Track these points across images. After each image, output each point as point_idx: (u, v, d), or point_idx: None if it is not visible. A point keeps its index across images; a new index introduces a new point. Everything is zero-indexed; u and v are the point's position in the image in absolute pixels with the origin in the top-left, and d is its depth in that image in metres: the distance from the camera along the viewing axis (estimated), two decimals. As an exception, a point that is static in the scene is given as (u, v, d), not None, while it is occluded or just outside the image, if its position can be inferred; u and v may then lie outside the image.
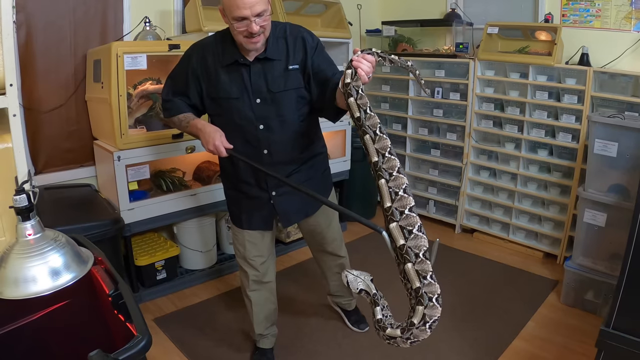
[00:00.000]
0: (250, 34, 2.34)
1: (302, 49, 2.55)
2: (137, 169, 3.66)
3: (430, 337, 1.48)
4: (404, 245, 1.61)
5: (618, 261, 3.00)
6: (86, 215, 3.40)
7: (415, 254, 1.59)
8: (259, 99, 2.54)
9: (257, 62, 2.51)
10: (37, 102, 3.71)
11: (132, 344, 1.43)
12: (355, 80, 1.94)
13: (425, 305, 1.52)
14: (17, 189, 1.54)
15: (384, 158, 1.72)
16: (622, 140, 3.37)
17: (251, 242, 2.90)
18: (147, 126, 3.86)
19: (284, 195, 2.77)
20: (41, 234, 1.58)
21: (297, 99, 2.60)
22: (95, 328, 2.01)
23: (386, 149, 1.74)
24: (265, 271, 3.00)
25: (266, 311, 3.12)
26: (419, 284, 1.55)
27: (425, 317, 1.51)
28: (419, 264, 1.57)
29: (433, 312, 1.51)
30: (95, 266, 1.84)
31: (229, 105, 2.58)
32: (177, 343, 3.38)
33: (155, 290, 4.00)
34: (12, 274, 1.49)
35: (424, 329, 1.52)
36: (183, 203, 3.97)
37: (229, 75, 2.53)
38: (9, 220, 2.30)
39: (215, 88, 2.58)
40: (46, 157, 3.88)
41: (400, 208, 1.65)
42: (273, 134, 2.60)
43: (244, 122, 2.58)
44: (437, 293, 1.53)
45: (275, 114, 2.58)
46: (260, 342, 3.21)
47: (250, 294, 3.02)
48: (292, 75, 2.55)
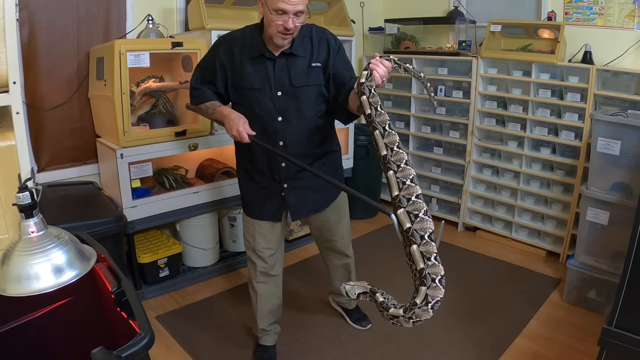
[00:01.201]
0: (285, 30, 2.43)
1: (326, 50, 2.65)
2: (140, 166, 3.67)
3: (433, 335, 1.49)
4: (410, 228, 1.66)
5: (621, 259, 3.00)
6: (89, 213, 3.41)
7: (420, 236, 1.64)
8: (280, 92, 2.63)
9: (282, 56, 2.61)
10: (40, 99, 3.72)
11: (134, 341, 1.44)
12: (370, 81, 2.03)
13: (428, 286, 1.56)
14: (20, 187, 1.54)
15: (392, 151, 1.79)
16: (625, 138, 3.36)
17: (261, 233, 2.94)
18: (149, 124, 3.87)
19: (295, 189, 2.83)
20: (44, 231, 1.58)
21: (316, 95, 2.69)
22: (98, 325, 2.02)
23: (394, 143, 1.81)
24: (273, 264, 3.04)
25: (271, 305, 3.15)
26: (423, 265, 1.59)
27: (427, 297, 1.55)
28: (423, 246, 1.62)
29: (436, 293, 1.55)
30: (98, 263, 1.85)
31: (250, 96, 2.66)
32: (180, 340, 3.39)
33: (158, 288, 4.01)
34: (15, 271, 1.50)
35: (426, 309, 1.55)
36: (186, 201, 3.97)
37: (254, 67, 2.62)
38: (12, 217, 2.30)
39: (240, 78, 2.66)
40: (49, 154, 3.88)
41: (407, 195, 1.71)
42: (290, 127, 2.68)
43: (263, 112, 2.66)
44: (441, 274, 1.57)
45: (294, 108, 2.66)
46: (262, 338, 3.23)
47: (257, 286, 3.06)
48: (314, 73, 2.64)
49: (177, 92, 4.18)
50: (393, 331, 3.43)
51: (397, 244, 1.72)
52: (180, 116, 4.15)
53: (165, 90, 4.09)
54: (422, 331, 3.42)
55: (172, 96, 4.19)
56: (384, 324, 3.42)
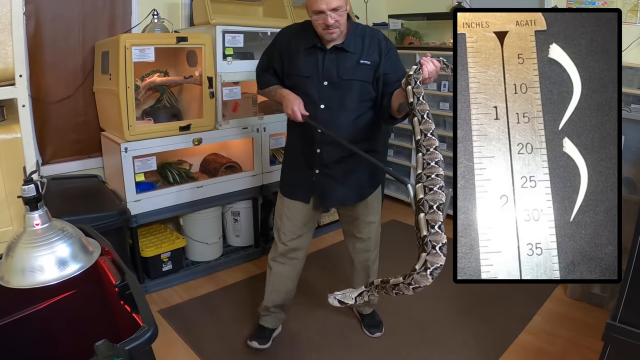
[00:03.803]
0: (326, 26, 2.60)
1: (377, 51, 2.77)
2: (144, 160, 3.67)
3: (436, 331, 1.51)
4: (422, 198, 1.71)
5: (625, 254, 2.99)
6: (93, 206, 3.42)
7: (429, 205, 1.68)
8: (327, 82, 2.77)
9: (333, 50, 2.75)
10: (45, 93, 3.73)
11: (138, 335, 1.44)
12: (417, 74, 2.14)
13: (428, 252, 1.58)
14: (26, 179, 1.55)
15: (425, 137, 1.87)
16: (628, 133, 3.36)
17: (287, 216, 3.06)
18: (154, 118, 3.87)
19: (324, 177, 2.92)
20: (49, 223, 1.59)
21: (360, 91, 2.79)
22: (102, 318, 2.02)
23: (429, 130, 1.89)
24: (295, 248, 3.13)
25: (281, 286, 3.22)
26: (426, 233, 1.62)
27: (427, 263, 1.57)
28: (430, 215, 1.65)
29: (435, 259, 1.57)
30: (102, 257, 1.85)
31: (299, 82, 2.83)
32: (182, 334, 3.39)
33: (161, 282, 4.02)
34: (20, 263, 1.50)
35: (424, 275, 1.58)
36: (189, 195, 3.98)
37: (307, 56, 2.80)
38: (17, 209, 2.31)
39: (293, 65, 2.85)
40: (54, 147, 3.89)
41: (427, 173, 1.77)
42: (331, 115, 2.79)
43: (308, 98, 2.79)
44: (442, 242, 1.59)
45: (337, 98, 2.78)
46: (262, 318, 3.31)
47: (273, 264, 3.19)
48: (362, 69, 2.75)
49: (181, 87, 4.19)
50: (396, 328, 3.43)
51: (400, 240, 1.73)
52: (184, 111, 4.16)
53: (170, 85, 4.10)
54: (425, 327, 3.42)
55: (176, 90, 4.20)
56: (388, 322, 3.44)
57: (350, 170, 2.92)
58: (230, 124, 4.10)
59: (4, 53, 2.21)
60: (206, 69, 3.81)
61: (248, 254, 4.53)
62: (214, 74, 3.86)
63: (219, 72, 3.90)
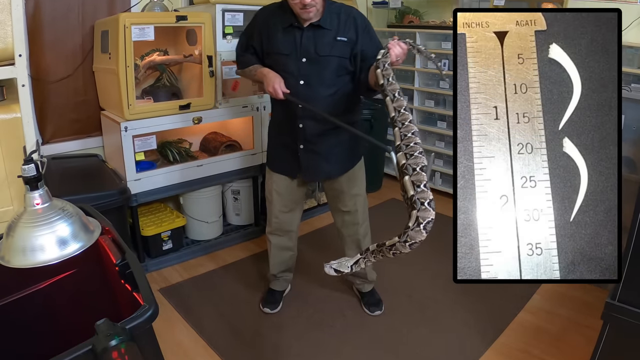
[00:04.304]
0: (303, 6, 2.66)
1: (354, 28, 2.84)
2: (144, 139, 3.67)
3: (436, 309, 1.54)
4: (405, 163, 1.75)
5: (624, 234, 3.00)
6: (93, 185, 3.43)
7: (412, 168, 1.72)
8: (305, 59, 2.85)
9: (310, 28, 2.82)
10: (44, 72, 3.71)
11: (138, 313, 1.45)
12: (385, 57, 2.30)
13: (418, 209, 1.62)
14: (26, 159, 1.54)
15: (399, 113, 1.94)
16: (628, 112, 3.35)
17: (277, 191, 3.19)
18: (154, 97, 3.86)
19: (309, 152, 3.02)
20: (49, 203, 1.59)
21: (338, 66, 2.87)
22: (102, 297, 2.03)
23: (402, 107, 1.96)
24: (287, 221, 3.30)
25: (282, 256, 3.42)
26: (413, 192, 1.66)
27: (418, 219, 1.61)
28: (414, 176, 1.70)
29: (426, 214, 1.61)
30: (103, 236, 1.85)
31: (279, 60, 2.90)
32: (183, 313, 3.41)
33: (161, 261, 4.03)
34: (20, 243, 1.51)
35: (418, 230, 1.61)
36: (189, 174, 3.98)
37: (285, 35, 2.87)
38: (17, 189, 2.32)
39: (272, 44, 2.92)
40: (54, 127, 3.88)
41: (406, 143, 1.82)
42: (311, 91, 2.87)
43: (288, 75, 2.87)
44: (430, 198, 1.63)
45: (316, 74, 2.86)
46: (272, 282, 3.53)
47: (271, 237, 3.36)
48: (339, 45, 2.83)
49: (181, 66, 4.18)
50: (396, 306, 3.45)
51: (401, 218, 1.75)
52: (184, 89, 4.15)
53: (170, 64, 4.08)
54: (425, 306, 3.44)
55: (176, 69, 4.18)
56: (387, 300, 3.45)
57: (333, 144, 3.02)
58: (230, 102, 4.09)
59: (3, 33, 2.20)
60: (206, 47, 3.79)
61: (248, 232, 4.54)
62: (213, 52, 3.84)
63: (218, 50, 3.88)
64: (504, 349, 3.11)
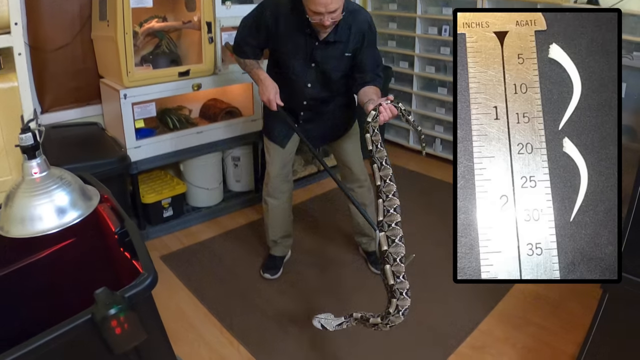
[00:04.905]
0: (323, 26, 2.67)
1: (360, 43, 2.87)
2: (144, 106, 3.66)
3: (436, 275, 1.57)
4: (386, 250, 2.03)
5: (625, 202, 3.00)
6: (93, 154, 3.43)
7: (393, 258, 2.01)
8: (314, 64, 2.92)
9: (324, 41, 2.84)
10: (42, 41, 3.68)
11: (138, 282, 1.45)
12: (375, 121, 2.34)
13: (397, 298, 1.96)
14: (23, 128, 1.54)
15: (385, 183, 2.12)
16: (630, 80, 3.34)
17: (273, 156, 3.28)
18: (153, 64, 3.85)
19: (308, 124, 3.14)
20: (47, 172, 1.59)
21: (342, 76, 2.98)
22: (102, 266, 2.04)
23: (387, 176, 2.13)
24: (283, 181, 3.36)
25: (281, 218, 3.46)
26: (393, 282, 1.98)
27: (398, 307, 1.95)
28: (395, 267, 2.00)
29: (404, 303, 1.96)
30: (102, 204, 1.85)
31: (287, 63, 2.95)
32: (184, 280, 3.44)
33: (162, 228, 4.05)
34: (19, 213, 1.51)
35: (398, 316, 1.96)
36: (189, 141, 3.98)
37: (296, 40, 2.86)
38: (15, 159, 2.31)
39: (281, 45, 2.93)
40: (52, 96, 3.87)
41: (389, 222, 2.05)
42: (316, 91, 3.02)
43: (296, 78, 2.97)
44: (407, 288, 1.98)
45: (322, 79, 2.98)
46: (272, 248, 3.57)
47: (268, 199, 3.40)
48: (345, 60, 2.91)
49: (180, 32, 4.14)
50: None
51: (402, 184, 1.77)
52: (183, 56, 4.12)
53: (169, 30, 4.06)
54: (426, 272, 3.44)
55: (175, 36, 4.15)
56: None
57: (331, 114, 3.17)
58: (229, 69, 4.07)
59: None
60: (205, 14, 3.76)
61: (248, 199, 4.56)
62: (212, 19, 3.81)
63: (217, 17, 3.85)
64: (503, 316, 3.14)
